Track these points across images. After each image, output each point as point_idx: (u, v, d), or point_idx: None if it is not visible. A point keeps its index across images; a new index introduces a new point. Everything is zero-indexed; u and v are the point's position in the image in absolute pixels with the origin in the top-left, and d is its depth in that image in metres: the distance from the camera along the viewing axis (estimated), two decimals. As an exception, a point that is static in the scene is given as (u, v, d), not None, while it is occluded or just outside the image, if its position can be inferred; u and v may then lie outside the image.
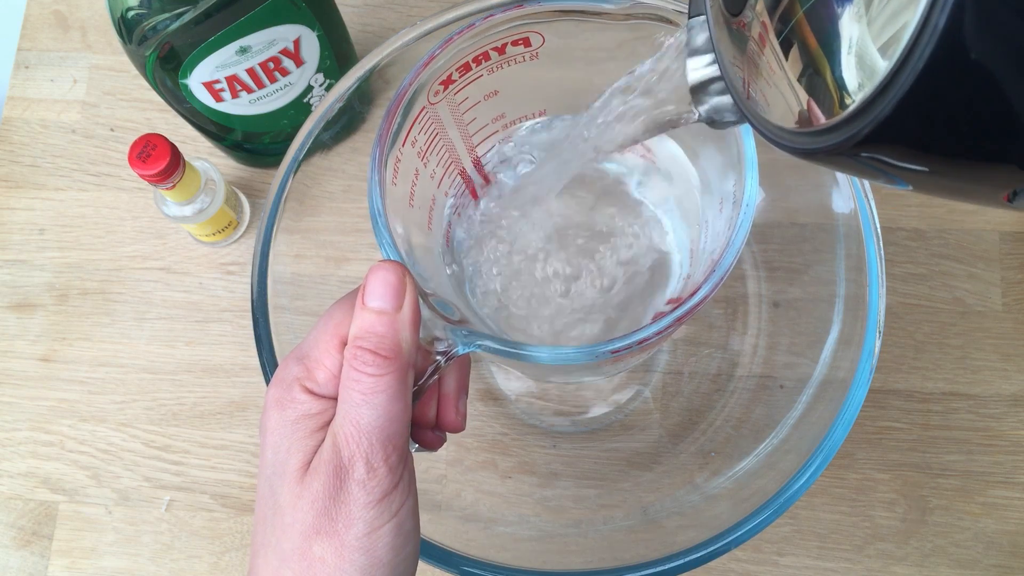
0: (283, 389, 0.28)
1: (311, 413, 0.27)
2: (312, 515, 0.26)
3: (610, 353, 0.30)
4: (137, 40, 0.41)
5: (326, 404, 0.27)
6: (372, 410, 0.26)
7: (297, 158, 0.39)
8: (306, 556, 0.26)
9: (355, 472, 0.26)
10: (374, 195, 0.31)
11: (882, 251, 0.37)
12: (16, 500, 0.49)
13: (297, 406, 0.27)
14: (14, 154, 0.55)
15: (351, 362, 0.27)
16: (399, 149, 0.33)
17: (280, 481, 0.27)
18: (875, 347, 0.36)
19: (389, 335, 0.27)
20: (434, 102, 0.36)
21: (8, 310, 0.53)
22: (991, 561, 0.46)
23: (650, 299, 0.41)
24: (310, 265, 0.43)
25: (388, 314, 0.27)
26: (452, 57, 0.35)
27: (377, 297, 0.28)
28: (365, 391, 0.26)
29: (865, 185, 0.37)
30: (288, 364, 0.28)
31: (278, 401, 0.28)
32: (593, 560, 0.37)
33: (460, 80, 0.36)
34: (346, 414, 0.26)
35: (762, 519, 0.35)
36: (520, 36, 0.36)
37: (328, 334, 0.28)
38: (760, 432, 0.40)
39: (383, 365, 0.27)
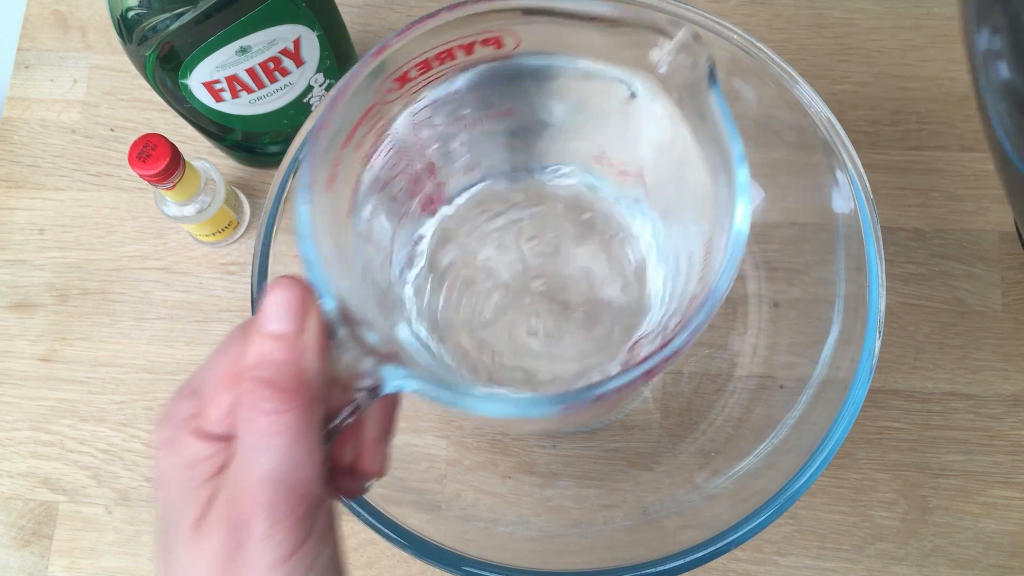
0: (172, 429, 0.24)
1: (203, 457, 0.23)
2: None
3: (562, 408, 0.25)
4: (137, 40, 0.41)
5: (220, 446, 0.24)
6: (272, 455, 0.22)
7: (297, 158, 0.39)
8: None
9: (256, 528, 0.22)
10: (302, 198, 0.26)
11: (882, 251, 0.37)
12: (16, 500, 0.49)
13: (186, 450, 0.23)
14: (14, 154, 0.55)
15: (245, 398, 0.23)
16: (339, 150, 0.29)
17: (174, 539, 0.23)
18: (875, 347, 0.36)
19: (289, 364, 0.23)
20: (387, 101, 0.32)
21: (8, 310, 0.53)
22: (991, 561, 0.46)
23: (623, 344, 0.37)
24: (310, 265, 0.43)
25: (288, 339, 0.23)
26: (410, 51, 0.30)
27: (274, 319, 0.24)
28: (262, 432, 0.22)
29: (865, 185, 0.37)
30: (177, 400, 0.25)
31: (166, 444, 0.24)
32: (593, 560, 0.37)
33: (419, 79, 0.32)
34: (242, 460, 0.23)
35: (762, 519, 0.35)
36: (492, 35, 0.32)
37: (223, 366, 0.25)
38: (760, 432, 0.40)
39: (283, 400, 0.23)
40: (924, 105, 0.53)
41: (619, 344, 0.37)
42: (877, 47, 0.54)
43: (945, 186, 0.51)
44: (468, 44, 0.32)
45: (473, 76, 0.34)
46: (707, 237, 0.31)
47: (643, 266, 0.39)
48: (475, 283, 0.38)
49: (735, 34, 0.38)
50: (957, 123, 0.52)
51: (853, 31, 0.54)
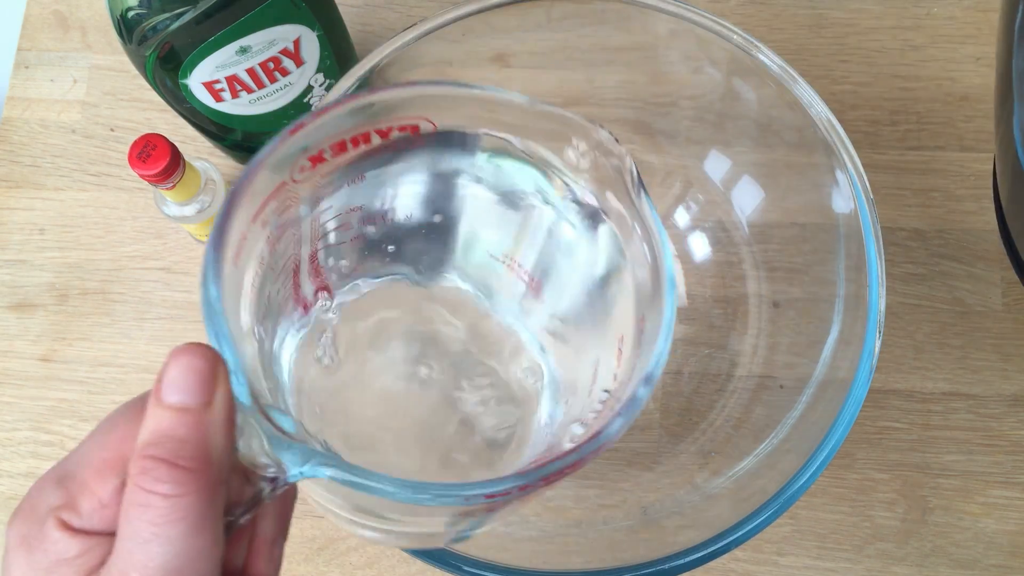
0: (33, 523, 0.20)
1: (69, 557, 0.20)
2: None
3: (484, 497, 0.23)
4: (137, 40, 0.41)
5: (90, 544, 0.20)
6: (166, 547, 0.19)
7: (297, 158, 0.39)
8: None
9: None
10: (211, 270, 0.24)
11: (882, 251, 0.37)
12: (16, 500, 0.49)
13: (50, 547, 0.20)
14: (14, 154, 0.55)
15: (137, 479, 0.19)
16: (248, 224, 0.27)
17: None
18: (875, 347, 0.36)
19: (193, 440, 0.20)
20: (297, 180, 0.30)
21: (8, 310, 0.53)
22: (991, 561, 0.46)
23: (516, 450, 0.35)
24: (310, 265, 0.43)
25: (193, 412, 0.20)
26: (327, 129, 0.29)
27: (178, 389, 0.20)
28: (157, 519, 0.19)
29: (866, 185, 0.37)
30: (43, 488, 0.21)
31: (25, 541, 0.20)
32: (593, 560, 0.37)
33: (332, 160, 0.31)
34: (129, 555, 0.19)
35: (762, 519, 0.35)
36: (410, 122, 0.31)
37: (104, 449, 0.21)
38: (760, 432, 0.40)
39: (183, 481, 0.19)
40: (924, 105, 0.53)
41: (496, 458, 0.35)
42: (877, 47, 0.54)
43: (945, 186, 0.51)
44: (386, 128, 0.31)
45: (377, 165, 0.33)
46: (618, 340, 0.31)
47: (529, 379, 0.37)
48: (343, 392, 0.36)
49: (735, 34, 0.38)
50: (957, 123, 0.52)
51: (853, 31, 0.54)
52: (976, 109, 0.52)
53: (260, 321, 0.31)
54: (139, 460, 0.20)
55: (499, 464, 0.34)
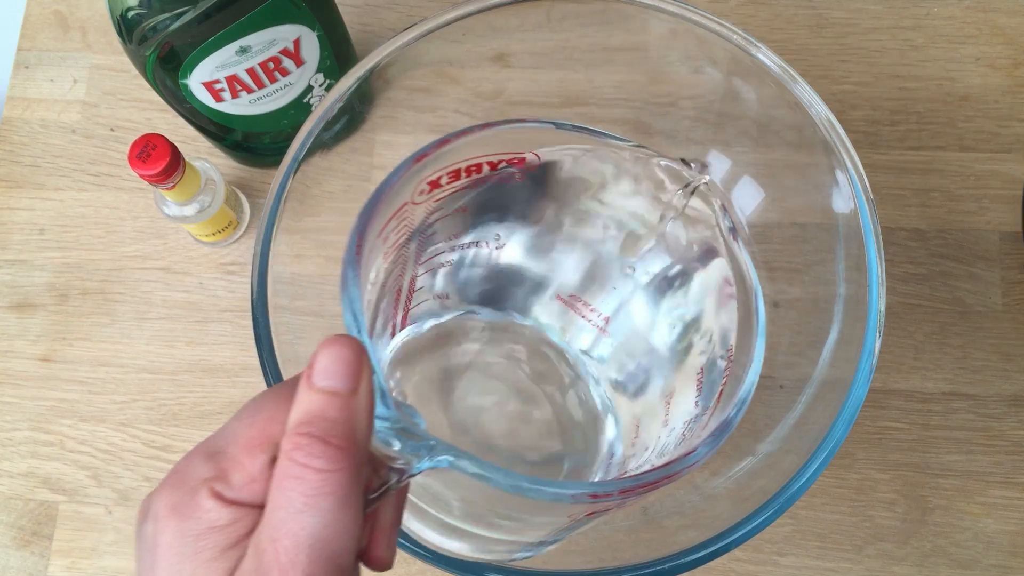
0: (184, 493, 0.22)
1: (220, 525, 0.21)
2: None
3: (589, 496, 0.25)
4: (137, 40, 0.41)
5: (240, 513, 0.22)
6: (316, 518, 0.20)
7: (297, 158, 0.39)
8: None
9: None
10: (351, 273, 0.26)
11: (882, 251, 0.37)
12: (16, 500, 0.49)
13: (203, 516, 0.21)
14: (14, 154, 0.55)
15: (292, 454, 0.21)
16: (374, 238, 0.29)
17: None
18: (875, 347, 0.36)
19: (342, 422, 0.22)
20: (417, 202, 0.32)
21: (8, 310, 0.53)
22: (991, 561, 0.46)
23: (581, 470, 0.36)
24: (310, 265, 0.43)
25: (342, 396, 0.22)
26: (449, 157, 0.31)
27: (329, 375, 0.22)
28: (309, 491, 0.21)
29: (866, 185, 0.37)
30: (192, 461, 0.22)
31: (176, 509, 0.21)
32: (593, 560, 0.37)
33: (447, 187, 0.32)
34: (281, 523, 0.21)
35: (762, 519, 0.34)
36: (518, 156, 0.33)
37: (253, 428, 0.23)
38: (760, 432, 0.40)
39: (334, 458, 0.21)
40: (924, 105, 0.53)
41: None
42: (877, 47, 0.54)
43: (945, 186, 0.51)
44: (496, 161, 0.32)
45: (479, 197, 0.34)
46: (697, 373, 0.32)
47: (597, 415, 0.38)
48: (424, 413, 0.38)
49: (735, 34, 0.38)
50: (957, 123, 0.52)
51: (853, 31, 0.54)
52: (976, 109, 0.52)
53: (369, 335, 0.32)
54: (293, 437, 0.21)
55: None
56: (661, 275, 0.36)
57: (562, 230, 0.37)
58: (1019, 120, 0.52)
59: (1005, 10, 0.54)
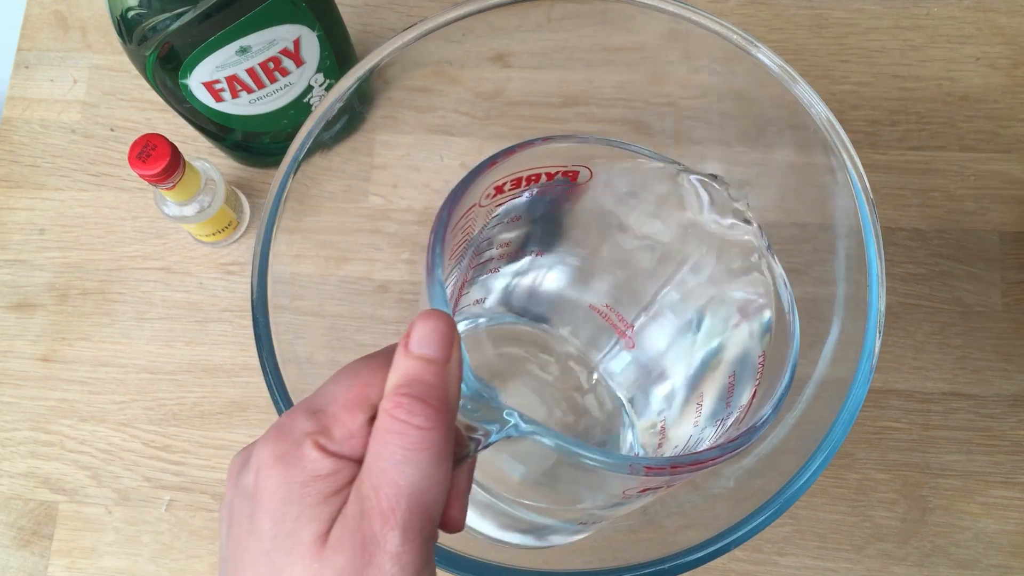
0: (289, 444, 0.24)
1: (324, 474, 0.23)
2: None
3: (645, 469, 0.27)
4: (137, 40, 0.41)
5: (340, 465, 0.24)
6: (415, 470, 0.23)
7: (297, 158, 0.39)
8: None
9: (388, 544, 0.22)
10: (437, 263, 0.28)
11: (882, 251, 0.37)
12: (16, 500, 0.49)
13: (307, 465, 0.23)
14: (14, 154, 0.55)
15: (393, 412, 0.23)
16: (451, 227, 0.31)
17: (288, 558, 0.23)
18: (875, 347, 0.36)
19: (438, 386, 0.24)
20: (483, 204, 0.33)
21: (8, 310, 0.53)
22: (991, 561, 0.46)
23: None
24: (310, 265, 0.43)
25: (437, 364, 0.24)
26: (514, 165, 0.32)
27: (426, 344, 0.24)
28: (409, 446, 0.23)
29: (866, 185, 0.37)
30: (295, 417, 0.25)
31: (282, 458, 0.24)
32: (593, 560, 0.37)
33: (507, 193, 0.34)
34: (382, 473, 0.23)
35: (762, 519, 0.34)
36: (573, 168, 0.35)
37: (351, 390, 0.25)
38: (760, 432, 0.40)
39: (432, 417, 0.23)
40: (924, 105, 0.53)
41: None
42: (877, 47, 0.54)
43: (945, 186, 0.51)
44: (553, 172, 0.34)
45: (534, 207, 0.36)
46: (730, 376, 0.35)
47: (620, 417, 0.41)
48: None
49: (735, 34, 0.38)
50: (957, 123, 0.52)
51: (853, 31, 0.54)
52: (976, 109, 0.52)
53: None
54: (394, 397, 0.23)
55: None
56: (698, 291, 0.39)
57: (604, 245, 0.39)
58: (1019, 120, 0.52)
59: (1005, 10, 0.54)
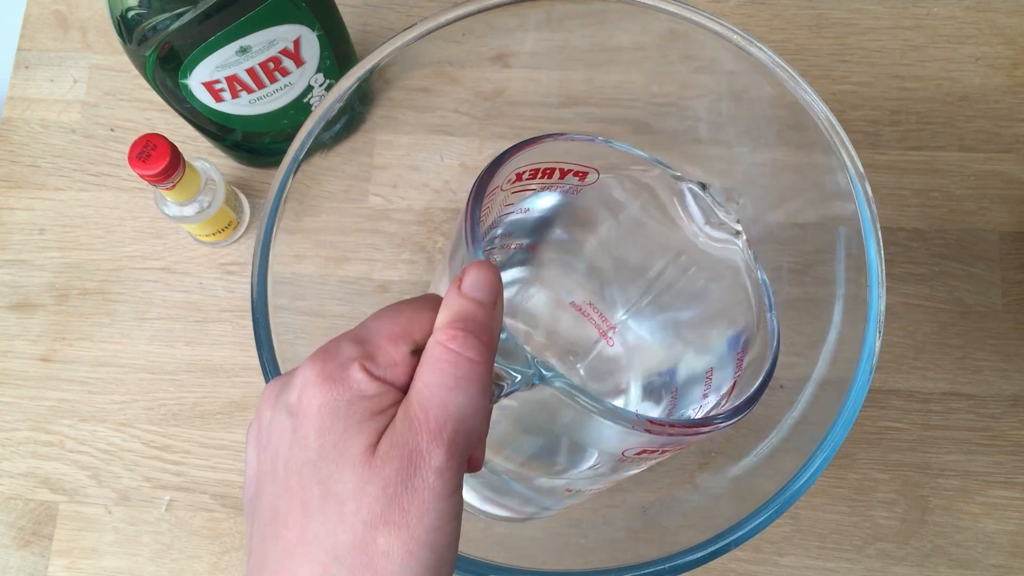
0: (337, 366, 0.25)
1: (368, 395, 0.25)
2: (382, 504, 0.24)
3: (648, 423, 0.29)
4: (137, 40, 0.41)
5: (384, 388, 0.25)
6: (464, 397, 0.25)
7: (297, 158, 0.39)
8: (367, 550, 0.23)
9: (433, 459, 0.24)
10: (477, 204, 0.30)
11: (882, 251, 0.37)
12: (16, 500, 0.49)
13: (353, 385, 0.25)
14: (14, 154, 0.55)
15: (447, 343, 0.25)
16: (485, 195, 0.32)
17: (335, 466, 0.24)
18: (875, 347, 0.36)
19: (487, 326, 0.26)
20: (504, 189, 0.35)
21: (8, 310, 0.53)
22: (991, 561, 0.46)
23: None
24: (310, 265, 0.43)
25: (486, 307, 0.26)
26: (537, 155, 0.34)
27: (478, 288, 0.26)
28: (460, 374, 0.25)
29: (866, 185, 0.37)
30: (340, 343, 0.26)
31: (329, 377, 0.25)
32: (593, 560, 0.37)
33: (526, 182, 0.36)
34: (432, 396, 0.25)
35: (762, 519, 0.34)
36: (584, 168, 0.37)
37: (396, 325, 0.26)
38: (760, 432, 0.40)
39: (482, 352, 0.25)
40: (924, 105, 0.53)
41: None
42: (877, 47, 0.54)
43: (945, 186, 0.51)
44: (566, 169, 0.37)
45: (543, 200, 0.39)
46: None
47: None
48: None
49: (735, 34, 0.38)
50: (957, 123, 0.52)
51: (853, 31, 0.54)
52: (976, 109, 0.52)
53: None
54: (448, 329, 0.25)
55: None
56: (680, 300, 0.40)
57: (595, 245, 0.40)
58: (1019, 120, 0.52)
59: (1005, 10, 0.54)
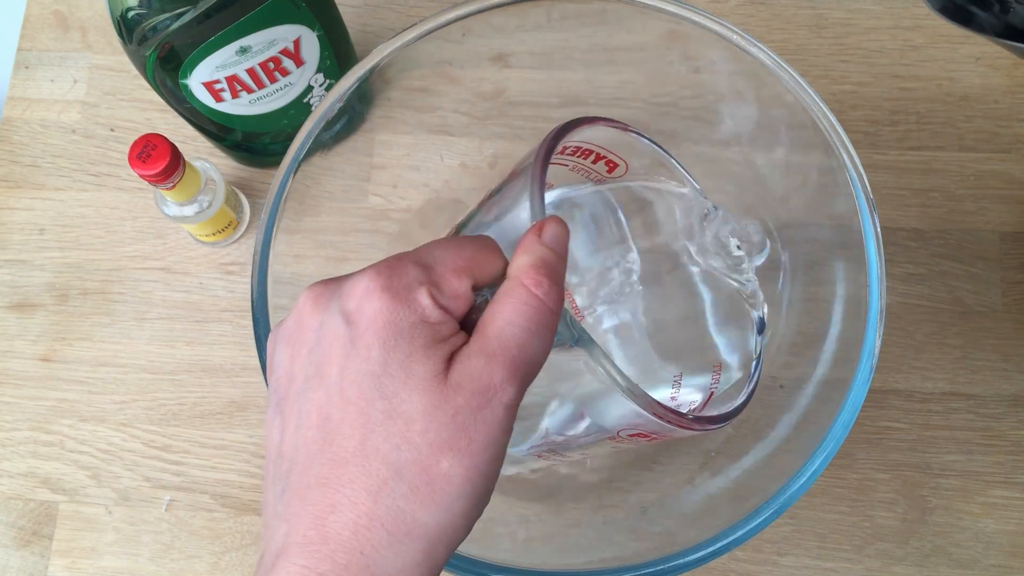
0: (401, 285, 0.25)
1: (431, 321, 0.25)
2: (450, 430, 0.24)
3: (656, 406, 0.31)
4: (137, 40, 0.41)
5: (445, 318, 0.25)
6: (539, 343, 0.25)
7: (297, 158, 0.39)
8: (430, 470, 0.24)
9: (504, 394, 0.24)
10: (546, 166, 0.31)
11: (882, 251, 0.37)
12: (16, 500, 0.49)
13: (419, 309, 0.25)
14: (14, 154, 0.55)
15: (534, 288, 0.25)
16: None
17: (403, 385, 0.24)
18: (875, 347, 0.36)
19: (561, 276, 0.26)
20: (553, 162, 0.36)
21: (8, 310, 0.53)
22: (991, 561, 0.46)
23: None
24: (310, 265, 0.43)
25: (561, 259, 0.27)
26: (581, 136, 0.35)
27: (556, 242, 0.27)
28: (540, 320, 0.25)
29: (866, 185, 0.37)
30: (404, 263, 0.26)
31: (395, 295, 0.25)
32: (593, 560, 0.37)
33: (564, 156, 0.37)
34: (513, 336, 0.25)
35: (762, 519, 0.35)
36: (617, 159, 0.38)
37: (459, 258, 0.26)
38: (760, 432, 0.40)
39: (560, 302, 0.26)
40: (924, 105, 0.53)
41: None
42: (877, 47, 0.54)
43: (945, 186, 0.51)
44: (601, 155, 0.38)
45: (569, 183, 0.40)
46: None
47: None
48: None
49: (735, 34, 0.38)
50: (957, 123, 0.52)
51: (853, 31, 0.54)
52: (976, 109, 0.52)
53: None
54: (533, 274, 0.25)
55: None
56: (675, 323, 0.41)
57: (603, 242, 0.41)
58: (1019, 120, 0.52)
59: (1005, 10, 0.54)
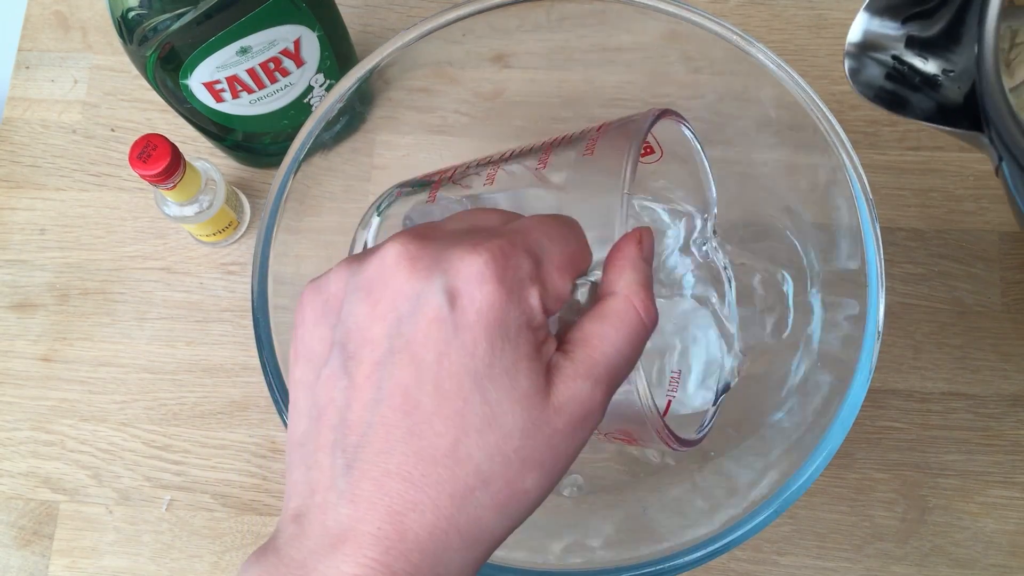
0: (517, 280, 0.23)
1: (534, 326, 0.23)
2: (543, 452, 0.23)
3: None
4: (138, 40, 0.41)
5: (545, 322, 0.24)
6: (629, 363, 0.25)
7: (297, 158, 0.39)
8: (514, 485, 0.23)
9: (597, 418, 0.24)
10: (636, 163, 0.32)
11: (882, 251, 0.37)
12: (17, 500, 0.50)
13: (527, 311, 0.23)
14: (15, 154, 0.56)
15: (643, 313, 0.25)
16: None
17: (505, 395, 0.23)
18: (875, 347, 0.36)
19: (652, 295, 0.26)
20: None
21: (9, 310, 0.53)
22: (991, 561, 0.46)
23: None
24: (311, 265, 0.43)
25: (649, 275, 0.26)
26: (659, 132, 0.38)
27: (649, 259, 0.26)
28: (639, 343, 0.25)
29: (865, 185, 0.37)
30: (519, 253, 0.24)
31: (509, 290, 0.23)
32: (593, 560, 0.37)
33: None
34: (619, 364, 0.24)
35: (762, 519, 0.35)
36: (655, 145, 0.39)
37: (565, 253, 0.25)
38: (760, 432, 0.40)
39: (655, 326, 0.25)
40: (924, 105, 0.53)
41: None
42: (877, 47, 0.54)
43: (945, 186, 0.51)
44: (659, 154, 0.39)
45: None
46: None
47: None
48: None
49: (735, 34, 0.38)
50: (957, 123, 0.52)
51: (853, 31, 0.54)
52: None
53: None
54: (644, 297, 0.25)
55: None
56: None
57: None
58: (1019, 120, 0.52)
59: (1005, 10, 0.54)
